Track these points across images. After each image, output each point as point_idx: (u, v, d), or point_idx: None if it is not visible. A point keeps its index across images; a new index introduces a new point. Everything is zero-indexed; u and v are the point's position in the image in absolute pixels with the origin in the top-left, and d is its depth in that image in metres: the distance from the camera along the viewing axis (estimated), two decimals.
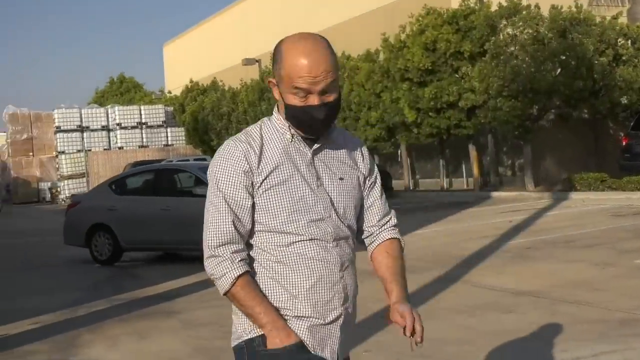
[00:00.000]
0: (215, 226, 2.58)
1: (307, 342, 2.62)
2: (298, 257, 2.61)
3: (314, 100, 2.57)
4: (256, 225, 2.62)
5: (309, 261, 2.62)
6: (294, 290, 2.61)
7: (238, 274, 2.54)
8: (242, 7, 45.29)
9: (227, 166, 2.60)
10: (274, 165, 2.60)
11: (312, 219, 2.62)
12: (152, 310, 8.77)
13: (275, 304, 2.58)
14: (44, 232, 21.66)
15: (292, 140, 2.65)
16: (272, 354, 2.58)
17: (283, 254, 2.61)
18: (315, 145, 2.68)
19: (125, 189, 14.02)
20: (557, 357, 5.73)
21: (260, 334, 2.58)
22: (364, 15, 33.18)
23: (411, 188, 28.41)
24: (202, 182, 12.46)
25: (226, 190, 2.60)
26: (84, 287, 10.87)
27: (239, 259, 2.57)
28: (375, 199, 2.89)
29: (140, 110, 41.70)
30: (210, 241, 2.58)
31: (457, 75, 23.54)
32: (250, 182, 2.58)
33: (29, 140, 44.90)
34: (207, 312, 8.41)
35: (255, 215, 2.61)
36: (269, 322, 2.55)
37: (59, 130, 40.32)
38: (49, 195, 43.14)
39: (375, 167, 2.94)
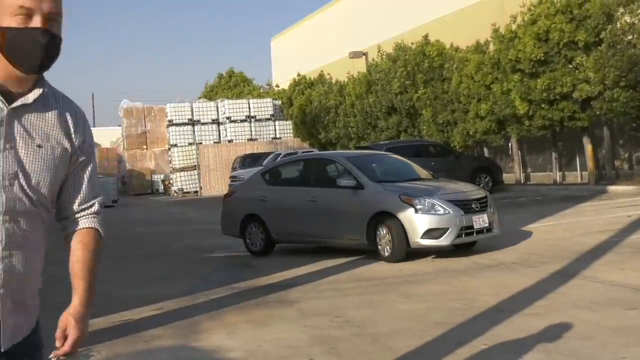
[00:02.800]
0: None
1: None
2: None
3: (37, 22, 2.33)
4: None
5: None
6: None
7: None
8: (349, 0, 45.37)
9: None
10: None
11: None
12: (269, 299, 8.92)
13: None
14: (161, 223, 22.40)
15: None
16: None
17: None
18: (16, 103, 2.39)
19: (276, 179, 13.71)
20: None
21: None
22: (473, 6, 32.67)
23: (522, 182, 27.84)
24: (347, 173, 12.03)
25: None
26: (200, 275, 11.14)
27: None
28: (81, 180, 2.61)
29: (249, 103, 42.40)
30: None
31: (570, 66, 22.88)
32: None
33: (143, 134, 46.35)
34: (322, 302, 8.50)
35: None
36: None
37: (171, 124, 41.46)
38: (162, 187, 44.45)
39: (93, 145, 2.67)
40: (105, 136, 59.71)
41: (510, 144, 28.30)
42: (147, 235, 18.71)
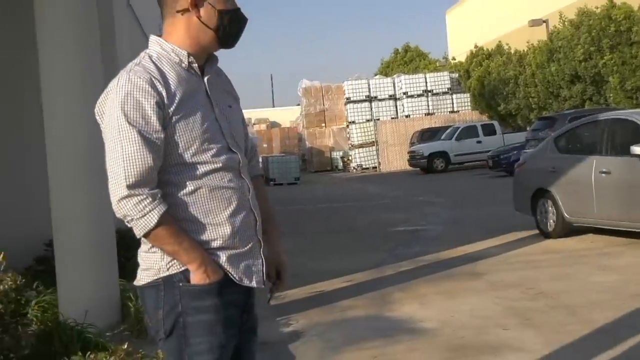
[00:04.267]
0: (132, 163, 2.43)
1: (233, 274, 2.57)
2: (214, 187, 2.55)
3: (235, 4, 2.67)
4: (167, 159, 2.52)
5: (225, 190, 2.56)
6: (216, 219, 2.54)
7: (163, 210, 2.45)
8: None
9: (136, 98, 2.46)
10: (180, 95, 2.52)
11: (222, 146, 2.59)
12: (457, 272, 8.93)
13: (195, 239, 2.52)
14: (343, 198, 22.83)
15: (188, 69, 2.60)
16: (196, 290, 2.51)
17: (198, 185, 2.53)
18: (208, 75, 2.65)
19: (568, 146, 11.25)
20: None
21: (181, 269, 2.52)
22: None
23: None
24: None
25: (140, 124, 2.45)
26: (386, 248, 11.29)
27: (159, 195, 2.47)
28: (247, 131, 2.85)
29: (425, 78, 42.15)
30: (128, 180, 2.43)
31: None
32: (162, 113, 2.48)
33: (321, 112, 47.23)
34: (512, 274, 8.41)
35: (166, 149, 2.51)
36: (198, 257, 2.49)
37: (349, 101, 41.96)
38: (341, 164, 45.14)
39: None
40: (285, 115, 61.34)
41: None
42: (331, 210, 19.15)
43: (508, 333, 6.00)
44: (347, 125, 42.61)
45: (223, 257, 2.57)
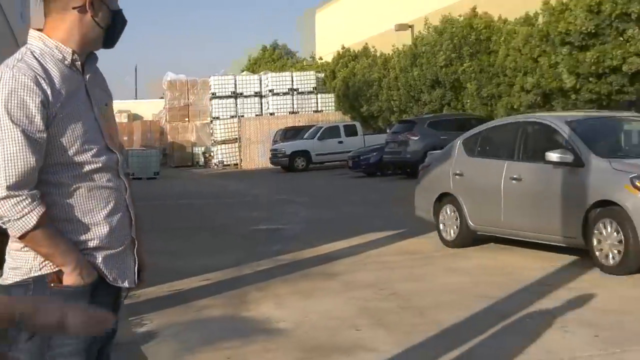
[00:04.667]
0: (14, 164, 2.38)
1: (107, 275, 2.59)
2: (93, 187, 2.55)
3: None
4: (47, 159, 2.46)
5: (103, 190, 2.58)
6: (93, 219, 2.55)
7: (42, 211, 2.41)
8: None
9: (21, 97, 2.39)
10: (63, 94, 2.47)
11: (102, 146, 2.58)
12: (313, 272, 9.01)
13: (72, 239, 2.52)
14: (203, 195, 22.65)
15: (71, 66, 2.55)
16: (68, 291, 2.49)
17: (77, 185, 2.53)
18: (89, 73, 2.63)
19: (478, 149, 10.46)
20: None
21: (54, 270, 2.50)
22: None
23: None
24: (565, 143, 8.80)
25: (24, 124, 2.39)
26: (245, 247, 11.28)
27: (38, 196, 2.43)
28: (117, 128, 2.87)
29: (291, 76, 42.40)
30: (8, 180, 2.38)
31: (622, 38, 22.46)
32: (46, 113, 2.42)
33: (185, 107, 46.71)
34: (367, 275, 8.59)
35: (47, 149, 2.46)
36: (73, 260, 2.48)
37: (214, 96, 41.65)
38: (203, 160, 44.80)
39: None
40: (148, 108, 60.23)
41: None
42: (190, 207, 18.95)
43: (360, 334, 6.11)
44: (211, 121, 42.31)
45: (99, 258, 2.56)
